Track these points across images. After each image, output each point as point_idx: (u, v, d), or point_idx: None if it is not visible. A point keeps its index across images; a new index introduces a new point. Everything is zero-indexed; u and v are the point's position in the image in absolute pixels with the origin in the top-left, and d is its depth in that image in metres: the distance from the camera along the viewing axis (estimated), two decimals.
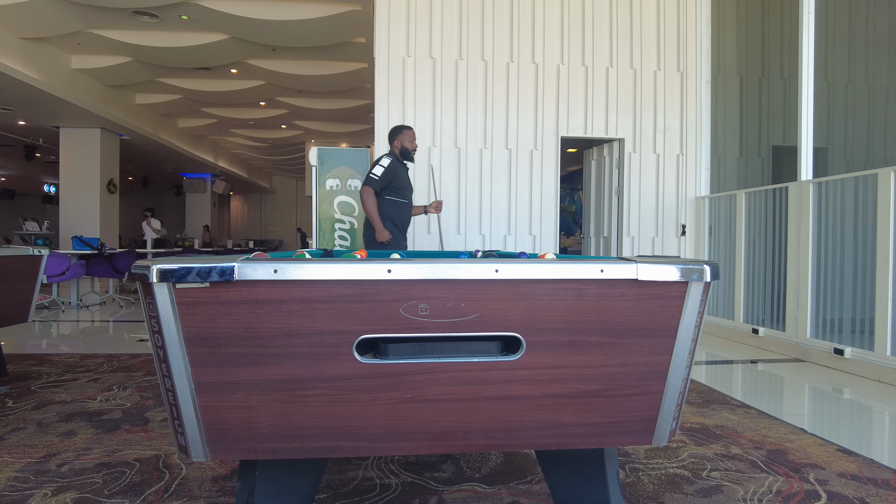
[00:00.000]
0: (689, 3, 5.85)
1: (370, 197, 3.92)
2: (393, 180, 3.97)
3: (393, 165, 3.97)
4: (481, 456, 2.21)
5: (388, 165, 3.95)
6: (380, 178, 3.92)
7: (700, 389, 3.33)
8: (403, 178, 4.07)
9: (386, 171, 3.94)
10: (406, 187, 4.10)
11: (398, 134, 4.14)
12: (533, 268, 1.19)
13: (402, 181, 4.04)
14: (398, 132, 4.15)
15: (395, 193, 4.03)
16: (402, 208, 4.09)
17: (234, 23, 7.54)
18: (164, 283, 1.08)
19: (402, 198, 4.07)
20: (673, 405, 1.28)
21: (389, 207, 4.02)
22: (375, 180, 3.91)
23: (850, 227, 4.03)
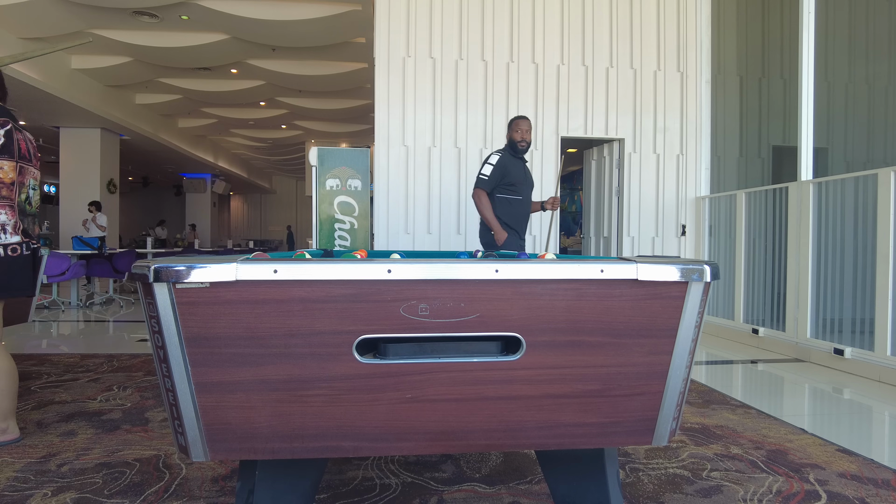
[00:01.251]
0: (689, 3, 5.85)
1: (481, 199, 3.70)
2: (504, 177, 3.71)
3: (503, 161, 3.72)
4: (481, 456, 2.21)
5: (498, 162, 3.70)
6: (489, 177, 3.70)
7: (700, 389, 3.33)
8: (517, 173, 3.75)
9: (495, 168, 3.70)
10: (521, 183, 3.77)
11: (509, 126, 3.87)
12: (533, 268, 1.19)
13: (514, 177, 3.73)
14: (510, 124, 3.87)
15: (507, 190, 3.74)
16: (516, 206, 3.78)
17: (234, 23, 7.54)
18: (164, 283, 1.08)
19: (516, 194, 3.76)
20: (673, 405, 1.28)
21: (501, 206, 3.75)
22: (485, 180, 3.70)
23: (850, 227, 4.03)
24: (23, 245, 2.35)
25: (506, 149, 3.82)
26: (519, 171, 3.77)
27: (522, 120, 3.81)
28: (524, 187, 3.80)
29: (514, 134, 3.78)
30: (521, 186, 3.77)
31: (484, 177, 3.72)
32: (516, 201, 3.77)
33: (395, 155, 5.47)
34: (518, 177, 3.75)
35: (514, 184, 3.73)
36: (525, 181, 3.82)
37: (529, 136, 3.80)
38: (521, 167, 3.81)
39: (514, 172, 3.72)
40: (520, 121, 3.81)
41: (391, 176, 5.46)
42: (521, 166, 3.80)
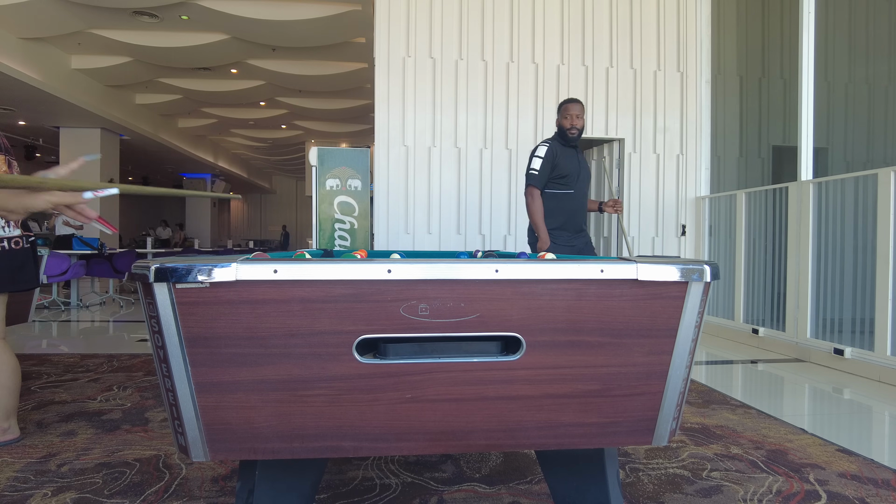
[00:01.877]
0: (689, 3, 5.85)
1: (533, 198, 3.36)
2: (554, 169, 3.36)
3: (552, 152, 3.36)
4: (481, 456, 2.21)
5: (546, 154, 3.35)
6: (539, 171, 3.33)
7: (700, 389, 3.33)
8: (567, 164, 3.37)
9: (544, 161, 3.34)
10: (572, 174, 3.38)
11: (558, 111, 3.49)
12: (533, 268, 1.19)
13: (564, 168, 3.36)
14: (559, 108, 3.48)
15: (556, 184, 3.38)
16: (567, 201, 3.40)
17: (234, 23, 7.54)
18: (164, 283, 1.08)
19: (567, 188, 3.38)
20: (673, 405, 1.28)
21: (548, 201, 3.39)
22: (535, 176, 3.34)
23: (850, 227, 4.03)
24: (23, 238, 2.38)
25: (554, 137, 3.45)
26: (570, 161, 3.38)
27: (572, 104, 3.41)
28: (577, 180, 3.41)
29: (563, 120, 3.40)
30: (573, 179, 3.39)
31: (534, 172, 3.36)
32: (566, 196, 3.40)
33: (395, 155, 5.47)
34: (569, 168, 3.37)
35: (566, 176, 3.36)
36: (578, 173, 3.41)
37: (581, 122, 3.39)
38: (573, 157, 3.42)
39: (564, 164, 3.36)
40: (569, 105, 3.41)
41: (391, 176, 5.46)
42: (572, 156, 3.41)
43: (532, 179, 3.36)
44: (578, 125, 3.38)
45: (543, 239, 3.31)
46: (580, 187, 3.43)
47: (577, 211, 3.42)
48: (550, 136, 3.51)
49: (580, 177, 3.43)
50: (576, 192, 3.41)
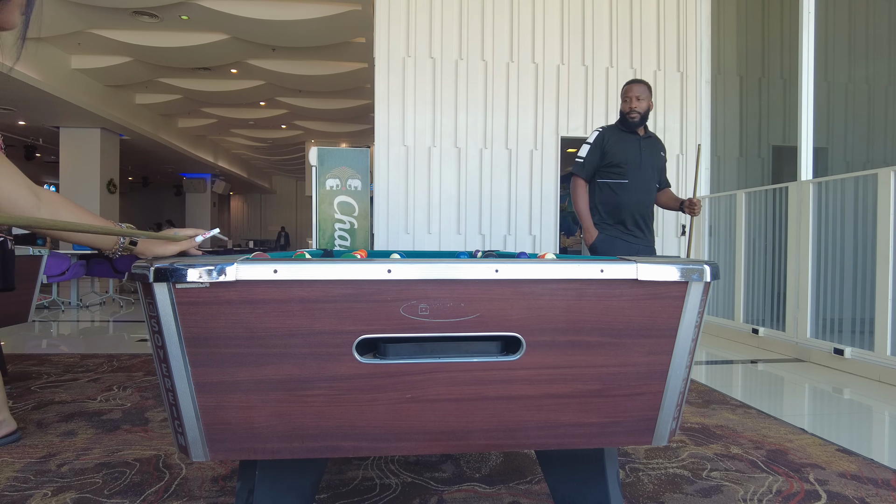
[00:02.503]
0: (689, 3, 5.85)
1: (576, 189, 3.12)
2: (605, 157, 3.09)
3: (602, 138, 3.11)
4: (481, 456, 2.21)
5: (595, 140, 3.11)
6: (585, 160, 3.09)
7: (700, 389, 3.33)
8: (623, 151, 3.07)
9: (592, 148, 3.09)
10: (629, 163, 3.06)
11: (621, 94, 3.23)
12: (533, 268, 1.19)
13: (618, 156, 3.06)
14: (621, 92, 3.22)
15: (608, 173, 3.09)
16: (620, 192, 3.07)
17: (234, 23, 7.54)
18: (164, 283, 1.08)
19: (620, 177, 3.07)
20: (673, 405, 1.28)
21: (598, 192, 3.12)
22: (579, 164, 3.11)
23: (850, 227, 4.03)
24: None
25: (616, 123, 3.19)
26: (629, 148, 3.07)
27: (634, 84, 3.12)
28: (635, 169, 3.05)
29: (623, 103, 3.14)
30: (631, 168, 3.05)
31: (579, 160, 3.12)
32: (620, 186, 3.06)
33: (395, 155, 5.47)
34: (625, 156, 3.05)
35: (619, 164, 3.05)
36: (638, 162, 3.05)
37: (644, 104, 3.10)
38: (633, 144, 3.10)
39: (617, 150, 3.05)
40: (630, 86, 3.13)
41: (391, 176, 5.46)
42: (632, 143, 3.10)
43: (576, 168, 3.13)
44: (640, 107, 3.07)
45: (587, 228, 3.08)
46: (641, 178, 3.05)
47: (632, 204, 3.03)
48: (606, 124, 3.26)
49: (642, 166, 3.05)
50: (632, 182, 3.03)
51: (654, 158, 3.13)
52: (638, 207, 3.08)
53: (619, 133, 3.12)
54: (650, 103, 3.15)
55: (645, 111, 3.11)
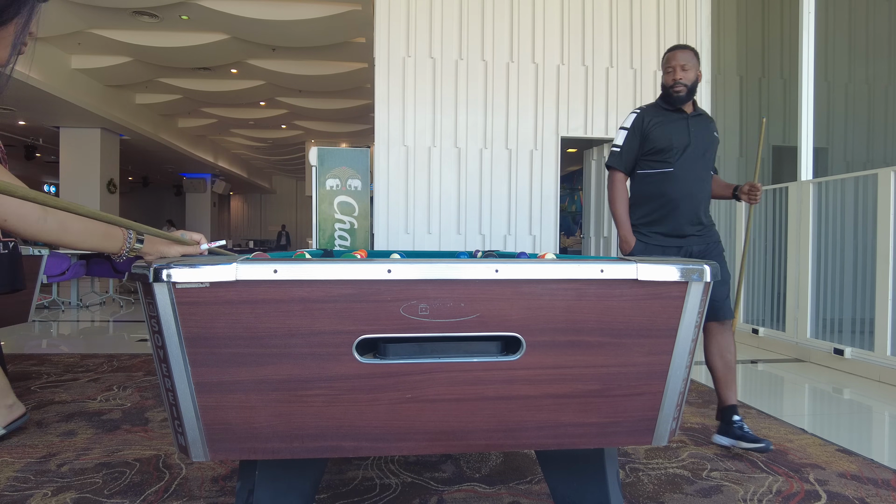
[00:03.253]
0: (689, 3, 5.85)
1: (614, 186, 2.58)
2: (645, 142, 2.52)
3: (641, 120, 2.54)
4: (481, 456, 2.21)
5: (633, 123, 2.55)
6: (622, 149, 2.55)
7: (700, 389, 3.33)
8: (666, 134, 2.48)
9: (629, 133, 2.55)
10: (674, 147, 2.46)
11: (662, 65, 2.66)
12: (533, 268, 1.18)
13: (661, 139, 2.48)
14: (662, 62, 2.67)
15: (651, 161, 2.51)
16: (663, 184, 2.47)
17: (234, 23, 7.54)
18: (164, 283, 1.08)
19: (663, 165, 2.48)
20: (673, 405, 1.28)
21: (642, 186, 2.56)
22: (615, 155, 2.57)
23: (850, 227, 4.03)
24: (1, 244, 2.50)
25: (657, 100, 2.63)
26: (674, 130, 2.49)
27: (678, 51, 2.56)
28: (683, 155, 2.46)
29: (666, 75, 2.56)
30: (677, 154, 2.46)
31: (615, 150, 2.58)
32: (665, 178, 2.47)
33: (395, 155, 5.47)
34: (670, 139, 2.47)
35: (663, 150, 2.47)
36: (684, 145, 2.47)
37: (692, 75, 2.51)
38: (680, 124, 2.50)
39: (661, 134, 2.48)
40: (673, 53, 2.57)
41: (391, 176, 5.46)
42: (678, 123, 2.50)
43: (612, 159, 2.58)
44: (687, 79, 2.48)
45: (623, 237, 2.54)
46: (691, 165, 2.46)
47: (682, 198, 2.44)
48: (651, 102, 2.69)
49: (690, 150, 2.46)
50: (680, 171, 2.45)
51: (705, 140, 2.51)
52: (689, 201, 2.45)
53: (661, 112, 2.53)
54: (698, 73, 2.55)
55: (692, 83, 2.51)
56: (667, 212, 2.48)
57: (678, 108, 2.54)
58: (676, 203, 2.46)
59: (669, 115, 2.53)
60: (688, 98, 2.53)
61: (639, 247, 2.51)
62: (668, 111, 2.54)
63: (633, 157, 2.55)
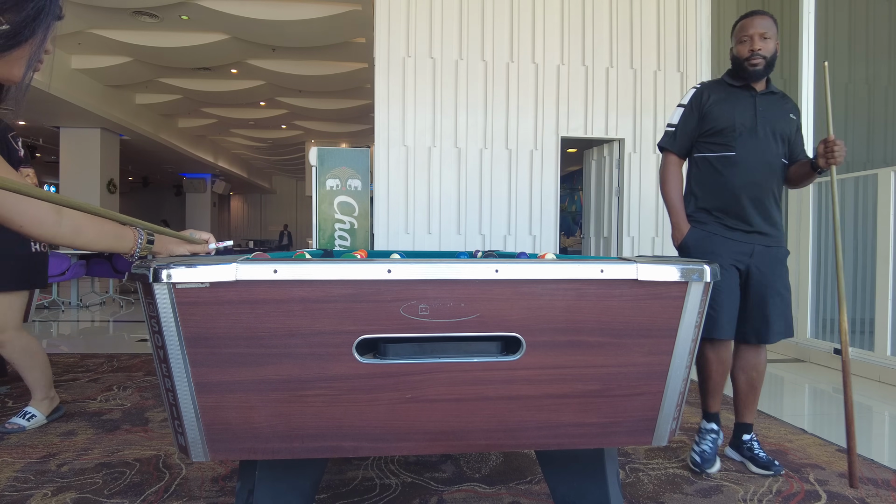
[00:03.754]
0: (689, 3, 5.85)
1: (667, 169, 2.32)
2: (705, 121, 2.22)
3: (700, 97, 2.25)
4: (481, 456, 2.21)
5: (691, 100, 2.27)
6: (677, 128, 2.28)
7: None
8: (729, 112, 2.18)
9: (686, 111, 2.27)
10: (738, 128, 2.16)
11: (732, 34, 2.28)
12: (533, 268, 1.19)
13: (722, 118, 2.18)
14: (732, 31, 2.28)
15: (710, 144, 2.22)
16: (729, 169, 2.17)
17: (234, 23, 7.54)
18: (164, 283, 1.08)
19: (725, 148, 2.18)
20: (673, 405, 1.28)
21: (699, 171, 2.28)
22: (669, 136, 2.31)
23: (850, 227, 4.03)
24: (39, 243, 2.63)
25: (724, 76, 2.30)
26: (741, 108, 2.18)
27: (755, 17, 2.19)
28: (749, 137, 2.16)
29: (739, 45, 2.19)
30: (741, 136, 2.16)
31: (669, 129, 2.32)
32: (725, 162, 2.18)
33: (395, 155, 5.47)
34: (733, 119, 2.17)
35: (725, 131, 2.17)
36: (751, 126, 2.16)
37: (771, 45, 2.16)
38: (746, 102, 2.19)
39: (722, 112, 2.19)
40: (750, 19, 2.19)
41: (391, 176, 5.46)
42: (744, 101, 2.19)
43: (665, 139, 2.33)
44: (766, 49, 2.14)
45: (674, 223, 2.29)
46: (756, 149, 2.15)
47: (744, 186, 2.15)
48: None
49: (758, 132, 2.16)
50: (743, 155, 2.15)
51: (776, 122, 2.18)
52: (752, 190, 2.15)
53: (725, 89, 2.24)
54: (778, 44, 2.20)
55: (771, 56, 2.16)
56: (727, 201, 2.19)
57: (746, 85, 2.22)
58: (738, 192, 2.17)
59: (735, 91, 2.23)
60: (765, 73, 2.19)
61: (694, 235, 2.23)
62: (735, 87, 2.24)
63: (689, 138, 2.28)
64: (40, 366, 2.63)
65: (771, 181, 2.20)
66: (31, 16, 0.72)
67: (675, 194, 2.30)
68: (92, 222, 1.20)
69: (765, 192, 2.19)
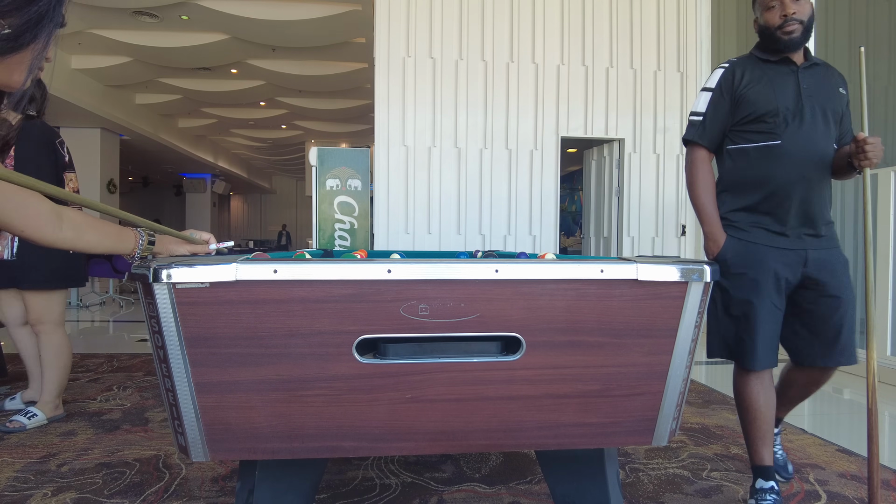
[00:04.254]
0: (689, 3, 5.85)
1: (695, 167, 1.93)
2: (740, 106, 1.85)
3: (732, 76, 1.88)
4: (481, 456, 2.21)
5: (721, 81, 1.90)
6: (705, 117, 1.91)
7: (700, 389, 3.33)
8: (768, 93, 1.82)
9: (716, 95, 1.90)
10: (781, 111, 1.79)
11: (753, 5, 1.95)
12: (533, 268, 1.19)
13: (762, 101, 1.81)
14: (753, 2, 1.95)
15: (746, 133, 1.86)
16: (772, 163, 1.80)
17: (234, 23, 7.54)
18: (164, 283, 1.08)
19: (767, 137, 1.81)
20: (673, 405, 1.28)
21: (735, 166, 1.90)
22: (698, 126, 1.92)
23: (850, 227, 4.03)
24: None
25: (753, 49, 1.94)
26: (782, 87, 1.82)
27: None
28: (794, 121, 1.79)
29: (767, 12, 1.85)
30: (783, 121, 1.79)
31: (695, 118, 1.94)
32: (764, 154, 1.82)
33: (395, 155, 5.47)
34: (774, 100, 1.81)
35: (764, 116, 1.81)
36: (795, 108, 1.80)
37: (806, 8, 1.85)
38: (787, 80, 1.84)
39: (760, 93, 1.83)
40: None
41: (391, 176, 5.46)
42: (785, 79, 1.84)
43: (690, 131, 1.95)
44: (802, 12, 1.82)
45: (708, 233, 1.91)
46: (804, 135, 1.78)
47: (794, 182, 1.78)
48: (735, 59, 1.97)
49: (805, 114, 1.79)
50: (788, 144, 1.78)
51: (825, 100, 1.85)
52: (801, 185, 1.78)
53: (759, 66, 1.88)
54: (812, 5, 1.89)
55: (808, 19, 1.85)
56: (772, 202, 1.81)
57: (785, 59, 1.86)
58: (786, 190, 1.79)
59: (772, 68, 1.86)
60: (803, 41, 1.84)
61: (733, 246, 1.84)
62: (771, 63, 1.87)
63: (720, 128, 1.91)
64: (61, 369, 2.71)
65: (823, 173, 1.82)
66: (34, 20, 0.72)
67: (707, 197, 1.91)
68: (93, 225, 1.21)
69: (816, 187, 1.81)
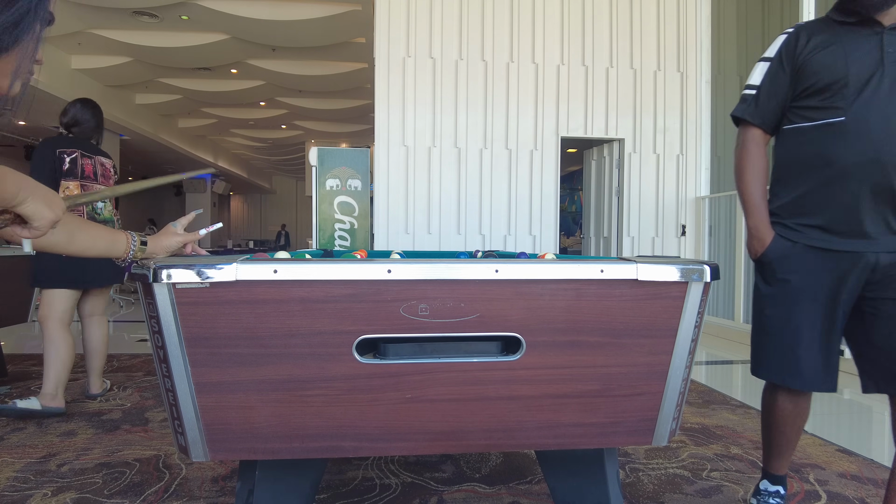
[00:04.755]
0: (689, 3, 5.85)
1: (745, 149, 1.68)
2: (802, 77, 1.56)
3: (795, 42, 1.59)
4: (481, 456, 2.21)
5: (781, 48, 1.61)
6: (759, 90, 1.64)
7: (700, 389, 3.33)
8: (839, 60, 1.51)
9: (774, 65, 1.62)
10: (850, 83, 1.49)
11: None
12: (533, 268, 1.18)
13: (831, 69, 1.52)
14: None
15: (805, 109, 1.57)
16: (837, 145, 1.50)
17: (234, 23, 7.54)
18: (164, 283, 1.08)
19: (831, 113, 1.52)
20: (673, 405, 1.28)
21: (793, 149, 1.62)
22: (750, 101, 1.66)
23: None
24: None
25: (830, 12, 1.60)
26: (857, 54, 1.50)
27: None
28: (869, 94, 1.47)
29: None
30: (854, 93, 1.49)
31: (749, 92, 1.67)
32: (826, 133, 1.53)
33: (395, 155, 5.47)
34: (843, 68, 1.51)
35: (829, 88, 1.52)
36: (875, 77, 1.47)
37: None
38: (866, 44, 1.51)
39: (826, 61, 1.53)
40: None
41: (391, 176, 5.46)
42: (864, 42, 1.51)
43: (741, 108, 1.68)
44: None
45: (752, 228, 1.70)
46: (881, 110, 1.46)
47: (860, 167, 1.48)
48: None
49: (883, 85, 1.47)
50: (855, 120, 1.48)
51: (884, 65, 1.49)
52: (874, 173, 1.47)
53: (832, 29, 1.56)
54: None
55: None
56: (830, 192, 1.53)
57: (867, 19, 1.51)
58: (851, 176, 1.49)
59: (850, 30, 1.54)
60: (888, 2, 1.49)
61: (780, 247, 1.63)
62: (849, 26, 1.54)
63: (779, 103, 1.62)
64: (59, 365, 2.75)
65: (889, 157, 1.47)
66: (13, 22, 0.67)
67: (757, 186, 1.65)
68: (85, 229, 1.20)
69: (894, 172, 1.46)
